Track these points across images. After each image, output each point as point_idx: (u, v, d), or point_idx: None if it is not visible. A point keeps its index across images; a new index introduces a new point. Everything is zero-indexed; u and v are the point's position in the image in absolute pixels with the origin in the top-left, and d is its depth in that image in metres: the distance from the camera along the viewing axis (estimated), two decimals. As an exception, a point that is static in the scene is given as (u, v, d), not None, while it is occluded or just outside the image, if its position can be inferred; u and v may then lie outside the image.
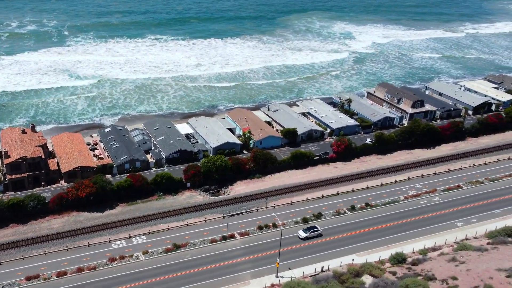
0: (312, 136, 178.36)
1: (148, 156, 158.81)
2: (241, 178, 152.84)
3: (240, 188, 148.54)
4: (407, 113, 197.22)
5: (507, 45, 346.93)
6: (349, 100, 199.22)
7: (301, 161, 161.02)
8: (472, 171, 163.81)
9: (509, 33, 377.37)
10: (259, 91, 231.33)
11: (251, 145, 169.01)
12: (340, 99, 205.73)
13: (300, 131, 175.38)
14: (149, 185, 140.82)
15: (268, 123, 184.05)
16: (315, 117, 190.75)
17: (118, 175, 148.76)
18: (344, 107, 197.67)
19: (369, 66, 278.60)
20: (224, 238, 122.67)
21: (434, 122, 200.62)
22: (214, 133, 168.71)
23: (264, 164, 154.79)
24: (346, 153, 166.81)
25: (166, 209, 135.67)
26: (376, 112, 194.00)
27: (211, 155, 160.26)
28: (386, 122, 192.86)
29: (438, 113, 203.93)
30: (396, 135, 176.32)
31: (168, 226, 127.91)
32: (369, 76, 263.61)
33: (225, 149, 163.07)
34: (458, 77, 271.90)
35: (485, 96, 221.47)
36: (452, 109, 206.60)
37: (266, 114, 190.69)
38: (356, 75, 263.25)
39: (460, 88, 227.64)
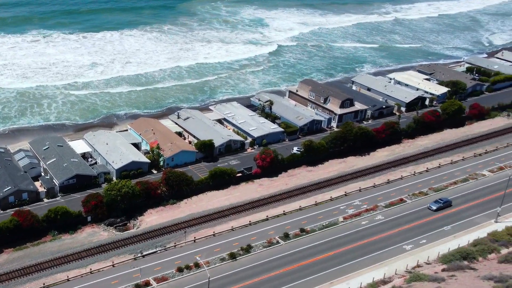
0: (231, 148, 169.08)
1: (38, 184, 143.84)
2: (153, 206, 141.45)
3: (152, 218, 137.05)
4: (335, 114, 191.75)
5: (431, 27, 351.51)
6: (270, 102, 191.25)
7: (222, 180, 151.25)
8: (413, 180, 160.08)
9: (433, 16, 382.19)
10: (165, 93, 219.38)
11: (161, 163, 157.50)
12: (259, 100, 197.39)
13: (217, 142, 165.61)
14: (40, 224, 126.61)
15: (179, 134, 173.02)
16: (233, 124, 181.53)
17: (1, 211, 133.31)
18: (265, 110, 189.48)
19: (286, 57, 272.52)
20: (138, 287, 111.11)
21: (365, 122, 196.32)
22: (117, 150, 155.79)
23: (179, 186, 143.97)
24: (272, 167, 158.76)
25: (64, 253, 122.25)
26: (302, 114, 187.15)
27: (114, 178, 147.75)
28: (313, 126, 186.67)
29: (369, 112, 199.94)
30: (327, 142, 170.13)
31: (67, 276, 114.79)
32: (287, 69, 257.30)
33: (130, 170, 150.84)
34: (383, 66, 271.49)
35: (417, 89, 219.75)
36: (384, 106, 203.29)
37: (176, 123, 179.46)
38: (273, 68, 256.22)
39: (390, 82, 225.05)
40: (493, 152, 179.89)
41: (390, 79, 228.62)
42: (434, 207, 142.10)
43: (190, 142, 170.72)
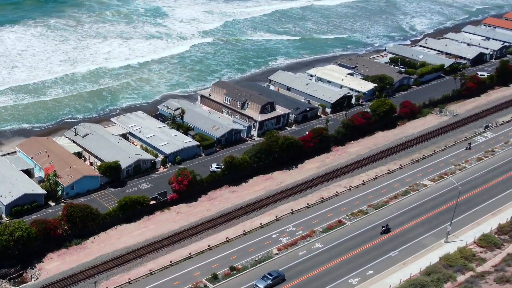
0: (140, 168, 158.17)
1: None
2: (53, 248, 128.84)
3: (54, 265, 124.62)
4: (255, 121, 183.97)
5: (346, 12, 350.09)
6: (182, 111, 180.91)
7: (133, 211, 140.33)
8: (350, 196, 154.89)
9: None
10: (59, 102, 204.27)
11: (60, 193, 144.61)
12: (169, 108, 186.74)
13: (124, 163, 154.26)
14: None
15: (79, 155, 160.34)
16: (140, 139, 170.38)
17: None
18: (176, 121, 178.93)
19: (192, 52, 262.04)
20: None
21: (288, 128, 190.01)
22: (4, 181, 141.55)
23: (83, 223, 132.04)
24: (190, 190, 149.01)
25: None
26: (218, 123, 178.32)
27: (3, 216, 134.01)
28: (232, 136, 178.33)
29: (292, 117, 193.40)
30: (250, 156, 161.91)
31: None
32: (194, 65, 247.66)
33: (23, 204, 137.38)
34: (299, 58, 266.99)
35: (342, 87, 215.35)
36: (307, 109, 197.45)
37: (74, 142, 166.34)
38: (179, 65, 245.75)
39: (311, 79, 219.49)
40: (431, 156, 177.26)
41: (311, 76, 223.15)
42: (261, 286, 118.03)
43: (91, 164, 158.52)
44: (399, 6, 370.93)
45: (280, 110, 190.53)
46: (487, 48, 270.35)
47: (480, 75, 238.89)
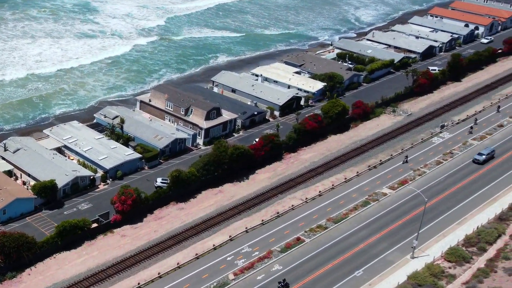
0: (78, 186, 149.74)
1: None
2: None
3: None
4: (201, 128, 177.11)
5: (287, 3, 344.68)
6: (121, 120, 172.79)
7: (73, 236, 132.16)
8: (307, 209, 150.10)
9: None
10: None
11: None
12: (106, 117, 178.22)
13: (60, 181, 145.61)
14: None
15: (9, 173, 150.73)
16: (77, 153, 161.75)
17: None
18: (115, 131, 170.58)
19: (127, 51, 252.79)
20: None
21: (235, 135, 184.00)
22: None
23: (18, 253, 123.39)
24: (134, 209, 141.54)
25: None
26: (161, 133, 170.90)
27: None
28: (177, 146, 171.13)
29: (239, 122, 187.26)
30: (198, 169, 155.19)
31: None
32: (131, 65, 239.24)
33: None
34: (241, 55, 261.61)
35: (289, 87, 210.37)
36: (255, 113, 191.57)
37: (3, 158, 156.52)
38: (114, 66, 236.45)
39: (257, 79, 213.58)
40: (388, 161, 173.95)
41: (257, 75, 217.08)
42: None
43: (24, 183, 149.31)
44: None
45: (226, 115, 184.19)
46: (436, 41, 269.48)
47: (432, 70, 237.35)
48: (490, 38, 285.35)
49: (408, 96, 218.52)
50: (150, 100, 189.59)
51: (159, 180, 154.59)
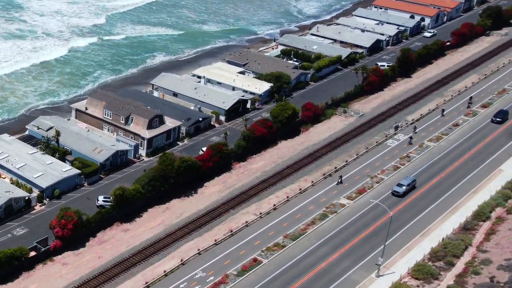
0: (13, 209, 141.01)
1: None
2: None
3: None
4: (143, 138, 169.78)
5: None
6: (57, 132, 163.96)
7: (10, 267, 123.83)
8: (262, 225, 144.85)
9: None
10: None
11: None
12: (39, 129, 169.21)
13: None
14: None
15: None
16: (9, 171, 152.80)
17: None
18: (50, 144, 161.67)
19: (59, 51, 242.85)
20: None
21: (180, 144, 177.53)
22: None
23: None
24: (76, 234, 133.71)
25: None
26: (100, 145, 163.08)
27: None
28: (118, 159, 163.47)
29: (183, 129, 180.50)
30: (143, 185, 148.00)
31: None
32: (63, 67, 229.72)
33: None
34: (179, 53, 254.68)
35: (234, 88, 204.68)
36: (200, 119, 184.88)
37: None
38: (45, 68, 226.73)
39: (199, 81, 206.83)
40: (344, 168, 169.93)
41: (199, 77, 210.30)
42: None
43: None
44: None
45: (169, 123, 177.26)
46: (382, 34, 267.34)
47: (380, 65, 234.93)
48: (433, 32, 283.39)
49: (359, 95, 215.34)
50: (86, 108, 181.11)
51: (100, 198, 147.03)
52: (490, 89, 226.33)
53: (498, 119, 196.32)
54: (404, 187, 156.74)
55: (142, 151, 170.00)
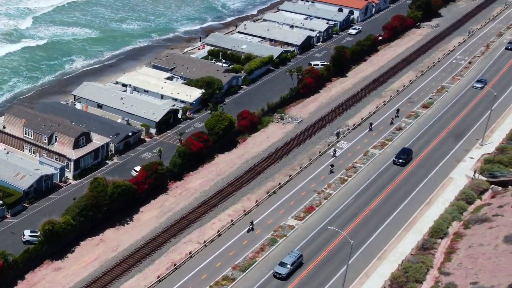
0: None
1: None
2: None
3: None
4: (69, 159, 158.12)
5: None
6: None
7: None
8: (207, 255, 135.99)
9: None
10: None
11: None
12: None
13: None
14: None
15: None
16: None
17: None
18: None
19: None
20: None
21: (109, 162, 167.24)
22: None
23: None
24: (2, 278, 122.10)
25: None
26: (22, 169, 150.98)
27: None
28: (43, 185, 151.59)
29: (112, 146, 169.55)
30: (74, 216, 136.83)
31: None
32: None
33: None
34: (99, 56, 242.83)
35: (162, 97, 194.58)
36: (130, 134, 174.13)
37: None
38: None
39: (125, 90, 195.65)
40: (288, 184, 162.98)
41: (125, 85, 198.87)
42: None
43: None
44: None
45: (97, 140, 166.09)
46: (312, 30, 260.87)
47: (314, 65, 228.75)
48: (359, 28, 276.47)
49: (295, 99, 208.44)
50: (4, 127, 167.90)
51: (27, 233, 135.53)
52: (429, 87, 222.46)
53: (401, 160, 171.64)
54: (288, 267, 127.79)
55: (69, 173, 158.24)
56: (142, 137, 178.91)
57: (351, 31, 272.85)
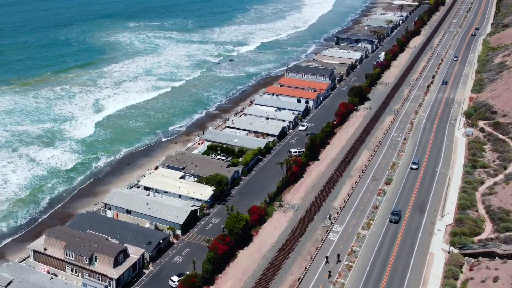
0: None
1: None
2: None
3: None
4: (111, 279, 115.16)
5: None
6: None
7: None
8: None
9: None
10: None
11: None
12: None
13: None
14: None
15: None
16: None
17: None
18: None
19: None
20: None
21: (146, 272, 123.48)
22: None
23: None
24: None
25: None
26: None
27: None
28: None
29: (147, 255, 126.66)
30: None
31: None
32: None
33: None
34: (118, 154, 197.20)
35: (181, 197, 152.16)
36: (161, 241, 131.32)
37: None
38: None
39: (149, 195, 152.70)
40: (306, 275, 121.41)
41: (147, 189, 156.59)
42: None
43: None
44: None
45: (133, 252, 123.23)
46: (283, 120, 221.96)
47: (293, 152, 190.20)
48: (306, 125, 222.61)
49: (286, 186, 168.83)
50: (45, 249, 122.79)
51: None
52: (384, 164, 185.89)
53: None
54: None
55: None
56: (170, 239, 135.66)
57: (301, 127, 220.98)
